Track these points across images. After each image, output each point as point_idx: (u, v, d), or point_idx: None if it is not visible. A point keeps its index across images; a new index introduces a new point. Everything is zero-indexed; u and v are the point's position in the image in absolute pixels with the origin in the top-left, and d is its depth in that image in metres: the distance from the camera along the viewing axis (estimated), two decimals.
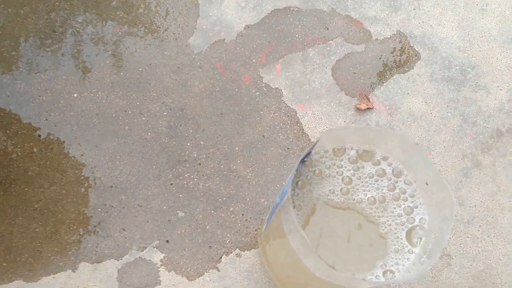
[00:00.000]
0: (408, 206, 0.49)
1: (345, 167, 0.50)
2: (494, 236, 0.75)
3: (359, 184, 0.50)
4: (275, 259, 0.59)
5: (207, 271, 0.72)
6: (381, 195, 0.49)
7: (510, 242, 0.74)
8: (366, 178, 0.50)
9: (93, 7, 0.85)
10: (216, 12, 0.87)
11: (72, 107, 0.79)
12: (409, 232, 0.48)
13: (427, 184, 0.47)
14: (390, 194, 0.49)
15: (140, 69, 0.82)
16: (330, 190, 0.49)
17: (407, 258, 0.46)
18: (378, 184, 0.50)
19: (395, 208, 0.49)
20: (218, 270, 0.71)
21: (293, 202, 0.47)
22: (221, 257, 0.72)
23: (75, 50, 0.82)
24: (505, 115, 0.83)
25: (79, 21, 0.84)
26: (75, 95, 0.80)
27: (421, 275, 0.42)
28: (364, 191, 0.50)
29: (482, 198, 0.77)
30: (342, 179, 0.50)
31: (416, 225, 0.48)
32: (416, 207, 0.49)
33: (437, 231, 0.45)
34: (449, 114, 0.82)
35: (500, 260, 0.74)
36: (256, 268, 0.72)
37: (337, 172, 0.50)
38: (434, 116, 0.82)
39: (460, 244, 0.74)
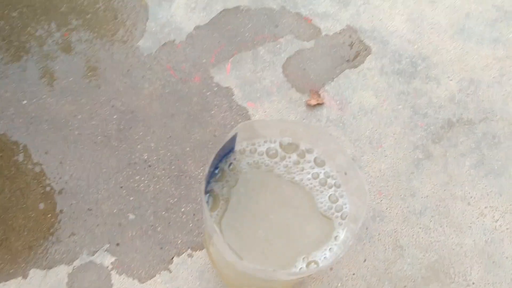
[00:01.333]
0: (332, 194, 0.49)
1: (267, 160, 0.50)
2: (446, 226, 0.75)
3: (284, 172, 0.50)
4: (218, 259, 0.59)
5: (159, 272, 0.71)
6: (307, 182, 0.49)
7: (463, 231, 0.74)
8: (291, 165, 0.50)
9: (42, 13, 0.85)
10: (165, 14, 0.87)
11: (22, 114, 0.78)
12: (331, 221, 0.48)
13: (345, 174, 0.48)
14: (315, 182, 0.49)
15: (89, 74, 0.82)
16: (252, 182, 0.49)
17: (329, 249, 0.46)
18: (302, 172, 0.50)
19: (319, 196, 0.49)
20: (170, 271, 0.71)
21: (208, 202, 0.47)
22: (172, 258, 0.72)
23: (24, 57, 0.82)
24: (455, 105, 0.83)
25: (28, 28, 0.84)
26: (24, 102, 0.79)
27: (336, 260, 0.42)
28: (290, 174, 0.49)
29: (433, 188, 0.77)
30: (266, 169, 0.50)
31: (339, 214, 0.48)
32: (341, 197, 0.49)
33: (354, 220, 0.45)
34: (400, 106, 0.83)
35: (453, 249, 0.74)
36: (208, 267, 0.71)
37: (262, 163, 0.50)
38: (385, 109, 0.82)
39: (413, 235, 0.74)
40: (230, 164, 0.49)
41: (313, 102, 0.81)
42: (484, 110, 0.83)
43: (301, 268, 0.46)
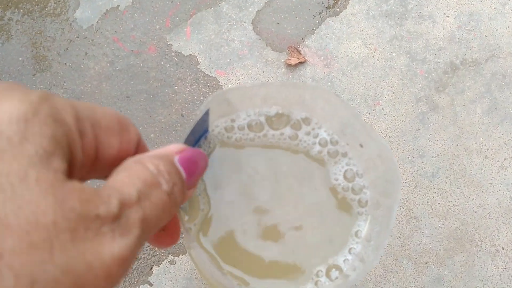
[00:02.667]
0: (347, 170, 0.37)
1: (251, 134, 0.37)
2: (464, 187, 0.64)
3: (278, 144, 0.37)
4: (205, 269, 0.47)
5: (137, 287, 0.59)
6: (311, 156, 0.37)
7: (484, 190, 0.64)
8: (285, 139, 0.37)
9: None
10: None
11: None
12: (348, 208, 0.36)
13: (361, 146, 0.35)
14: (322, 155, 0.37)
15: (20, 59, 0.66)
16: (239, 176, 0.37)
17: (351, 249, 0.35)
18: (303, 145, 0.37)
19: (330, 175, 0.37)
20: (151, 285, 0.59)
21: (182, 208, 0.35)
22: (151, 268, 0.60)
23: None
24: (456, 45, 0.71)
25: None
26: None
27: (366, 272, 0.30)
28: (286, 149, 0.37)
29: (444, 144, 0.66)
30: (253, 146, 0.37)
31: (356, 198, 0.36)
32: (358, 176, 0.37)
33: (382, 208, 0.33)
34: (394, 54, 0.71)
35: (475, 212, 0.63)
36: (195, 273, 0.60)
37: (246, 140, 0.37)
38: (377, 60, 0.70)
39: (427, 202, 0.64)
40: (205, 151, 0.36)
41: (294, 61, 0.68)
42: (489, 46, 0.72)
43: (317, 281, 0.34)
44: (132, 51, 0.68)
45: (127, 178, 0.19)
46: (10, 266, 0.14)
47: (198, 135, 0.35)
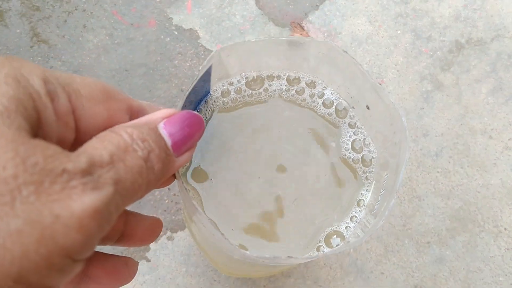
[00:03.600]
0: (353, 140, 0.36)
1: (251, 91, 0.36)
2: (468, 166, 0.63)
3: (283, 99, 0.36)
4: (204, 242, 0.46)
5: None
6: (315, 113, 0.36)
7: (487, 170, 0.63)
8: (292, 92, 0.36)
9: None
10: None
11: None
12: (354, 171, 0.35)
13: (368, 108, 0.34)
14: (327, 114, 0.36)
15: (18, 31, 0.65)
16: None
17: (356, 212, 0.34)
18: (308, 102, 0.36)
19: (336, 135, 0.36)
20: (148, 260, 0.58)
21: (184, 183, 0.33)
22: (149, 245, 0.59)
23: None
24: (462, 23, 0.70)
25: None
26: None
27: (370, 235, 0.29)
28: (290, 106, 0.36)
29: (448, 124, 0.65)
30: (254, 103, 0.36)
31: (359, 157, 0.35)
32: (365, 144, 0.36)
33: (388, 170, 0.32)
34: (399, 31, 0.69)
35: (479, 192, 0.62)
36: (194, 249, 0.59)
37: (246, 96, 0.36)
38: (382, 37, 0.69)
39: (430, 182, 0.63)
40: (205, 115, 0.35)
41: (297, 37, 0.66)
42: (495, 26, 0.70)
43: (319, 246, 0.33)
44: (132, 24, 0.66)
45: (99, 144, 0.19)
46: None
47: (198, 97, 0.34)
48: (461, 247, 0.60)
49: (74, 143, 0.21)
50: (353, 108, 0.35)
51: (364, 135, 0.35)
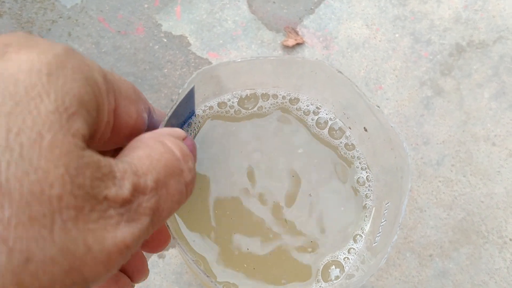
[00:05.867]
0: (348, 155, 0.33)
1: (241, 109, 0.33)
2: (471, 175, 0.61)
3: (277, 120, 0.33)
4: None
5: None
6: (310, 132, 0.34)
7: (491, 179, 0.61)
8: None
9: None
10: None
11: None
12: (356, 190, 0.33)
13: (365, 130, 0.32)
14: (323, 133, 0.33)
15: None
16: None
17: (348, 250, 0.31)
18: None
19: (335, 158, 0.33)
20: None
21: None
22: None
23: None
24: (463, 26, 0.68)
25: None
26: None
27: (371, 274, 0.27)
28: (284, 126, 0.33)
29: (450, 131, 0.63)
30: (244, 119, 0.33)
31: (364, 193, 0.33)
32: (359, 162, 0.33)
33: (388, 199, 0.30)
34: (397, 35, 0.67)
35: (482, 202, 0.60)
36: (185, 268, 0.56)
37: (236, 112, 0.33)
38: (380, 41, 0.66)
39: (432, 192, 0.60)
40: (190, 135, 0.32)
41: (291, 42, 0.64)
42: (497, 27, 0.68)
43: (318, 279, 0.31)
44: (119, 31, 0.64)
45: (147, 159, 0.17)
46: (4, 240, 0.12)
47: (181, 118, 0.31)
48: (465, 260, 0.58)
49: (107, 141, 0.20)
50: (350, 128, 0.33)
51: (360, 157, 0.33)
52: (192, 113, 0.32)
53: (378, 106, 0.27)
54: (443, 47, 0.66)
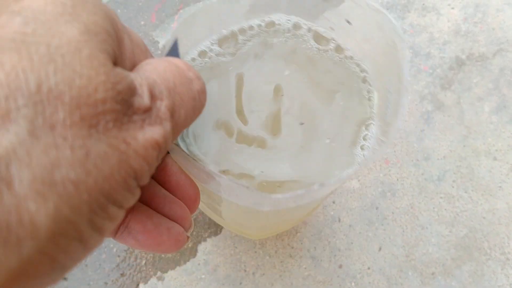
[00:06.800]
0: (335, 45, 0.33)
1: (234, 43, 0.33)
2: (472, 191, 0.60)
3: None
4: (228, 211, 0.41)
5: None
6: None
7: (493, 194, 0.60)
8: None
9: None
10: None
11: None
12: (359, 90, 0.32)
13: (348, 22, 0.31)
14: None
15: None
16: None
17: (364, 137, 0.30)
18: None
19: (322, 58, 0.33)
20: None
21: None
22: (138, 285, 0.56)
23: None
24: (462, 38, 0.67)
25: None
26: None
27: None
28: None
29: (451, 146, 0.62)
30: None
31: (361, 75, 0.32)
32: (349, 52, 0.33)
33: (389, 85, 0.29)
34: None
35: (484, 218, 0.59)
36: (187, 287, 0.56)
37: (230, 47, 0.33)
38: None
39: (433, 208, 0.60)
40: None
41: None
42: (497, 40, 0.67)
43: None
44: None
45: (155, 72, 0.19)
46: (64, 137, 0.14)
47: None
48: (468, 277, 0.57)
49: None
50: (332, 29, 0.33)
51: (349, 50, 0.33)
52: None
53: None
54: (443, 61, 0.66)
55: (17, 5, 0.15)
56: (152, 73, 0.19)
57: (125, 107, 0.16)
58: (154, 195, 0.25)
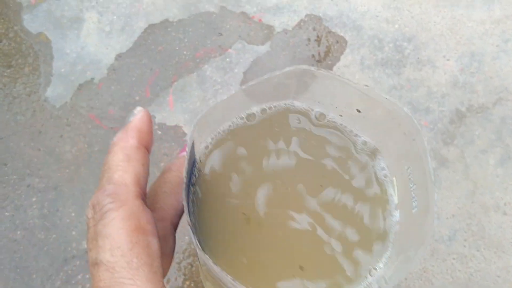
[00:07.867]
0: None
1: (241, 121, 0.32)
2: (484, 249, 0.59)
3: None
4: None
5: None
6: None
7: (505, 251, 0.59)
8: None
9: None
10: (74, 47, 0.66)
11: None
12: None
13: (358, 111, 0.29)
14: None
15: None
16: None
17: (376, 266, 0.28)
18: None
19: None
20: None
21: (196, 235, 0.28)
22: None
23: None
24: (461, 90, 0.66)
25: None
26: None
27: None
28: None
29: (458, 203, 0.61)
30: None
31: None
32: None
33: (407, 164, 0.27)
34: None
35: (499, 277, 0.58)
36: None
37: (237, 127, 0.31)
38: None
39: (447, 270, 0.58)
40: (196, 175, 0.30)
41: None
42: (496, 89, 0.66)
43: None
44: (111, 128, 0.62)
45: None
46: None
47: (189, 170, 0.30)
48: None
49: None
50: (341, 116, 0.31)
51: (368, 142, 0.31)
52: (194, 161, 0.31)
53: (367, 85, 0.26)
54: (443, 114, 0.65)
55: None
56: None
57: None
58: None
